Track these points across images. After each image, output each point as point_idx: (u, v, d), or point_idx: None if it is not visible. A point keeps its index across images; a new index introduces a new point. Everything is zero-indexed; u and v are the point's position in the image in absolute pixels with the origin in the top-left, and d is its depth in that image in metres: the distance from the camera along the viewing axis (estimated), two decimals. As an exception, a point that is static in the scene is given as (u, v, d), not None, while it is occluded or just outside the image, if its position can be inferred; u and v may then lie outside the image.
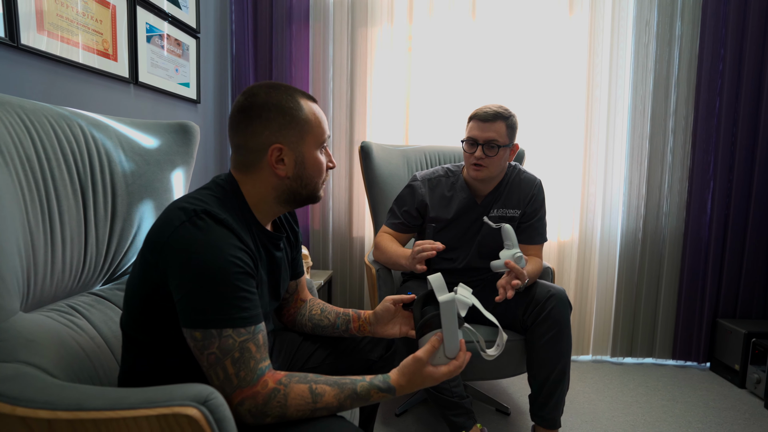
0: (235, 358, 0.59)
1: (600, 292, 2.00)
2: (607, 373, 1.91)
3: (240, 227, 0.67)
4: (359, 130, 2.08)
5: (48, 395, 0.53)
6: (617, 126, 1.93)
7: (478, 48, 1.97)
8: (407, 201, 1.38)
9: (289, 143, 0.71)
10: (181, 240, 0.60)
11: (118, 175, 0.96)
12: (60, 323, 0.76)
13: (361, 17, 2.03)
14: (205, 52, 1.87)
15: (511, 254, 1.12)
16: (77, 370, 0.71)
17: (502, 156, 1.24)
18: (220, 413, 0.53)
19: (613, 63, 1.90)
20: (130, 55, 1.39)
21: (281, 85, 0.73)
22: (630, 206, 1.96)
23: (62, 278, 0.83)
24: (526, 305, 1.22)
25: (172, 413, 0.50)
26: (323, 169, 0.77)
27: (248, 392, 0.59)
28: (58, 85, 1.15)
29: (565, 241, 2.01)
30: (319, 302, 1.00)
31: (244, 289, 0.62)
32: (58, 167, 0.82)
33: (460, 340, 0.72)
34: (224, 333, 0.59)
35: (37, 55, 1.08)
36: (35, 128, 0.80)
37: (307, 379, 0.63)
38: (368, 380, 0.66)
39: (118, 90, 1.36)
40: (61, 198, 0.82)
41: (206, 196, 0.67)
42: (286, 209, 0.78)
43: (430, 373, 0.68)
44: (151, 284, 0.64)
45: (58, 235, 0.81)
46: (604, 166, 1.95)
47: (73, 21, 1.17)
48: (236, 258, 0.61)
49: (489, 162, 1.23)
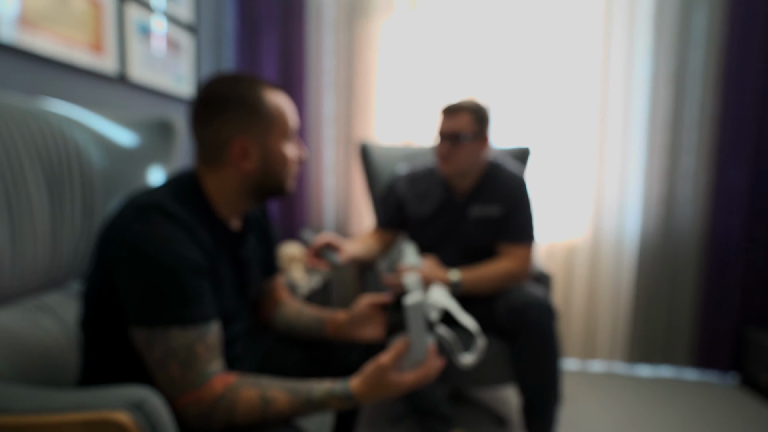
0: (181, 360, 0.56)
1: (613, 293, 1.91)
2: (620, 379, 1.82)
3: (196, 224, 0.64)
4: (357, 127, 2.04)
5: (-21, 396, 0.51)
6: (634, 120, 1.84)
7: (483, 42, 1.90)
8: (388, 200, 1.36)
9: (254, 137, 0.68)
10: (130, 235, 0.57)
11: (95, 172, 0.94)
12: (22, 321, 0.75)
13: (360, 9, 1.99)
14: (200, 47, 1.87)
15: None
16: (32, 372, 0.69)
17: (470, 149, 1.18)
18: (155, 419, 0.49)
19: (629, 50, 1.81)
20: (119, 51, 1.39)
21: (243, 76, 0.69)
22: (648, 204, 1.86)
23: (33, 275, 0.81)
24: (505, 313, 1.14)
25: (100, 419, 0.47)
26: (291, 162, 0.73)
27: (193, 396, 0.56)
28: (41, 82, 1.15)
29: (575, 240, 1.93)
30: (296, 303, 0.96)
31: (194, 287, 0.58)
32: (28, 159, 0.81)
33: (430, 346, 0.67)
34: (169, 332, 0.56)
35: (18, 51, 1.08)
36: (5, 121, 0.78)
37: (260, 384, 0.59)
38: (326, 387, 0.62)
39: (106, 87, 1.36)
40: (32, 194, 0.81)
41: (163, 191, 0.64)
42: (253, 204, 0.75)
43: (394, 381, 0.63)
44: (102, 281, 0.61)
45: (25, 229, 0.79)
46: (620, 162, 1.86)
47: (57, 16, 1.16)
48: (186, 255, 0.58)
49: (454, 156, 1.18)
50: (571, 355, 1.97)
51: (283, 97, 0.72)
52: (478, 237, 1.26)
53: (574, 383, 1.79)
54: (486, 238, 1.26)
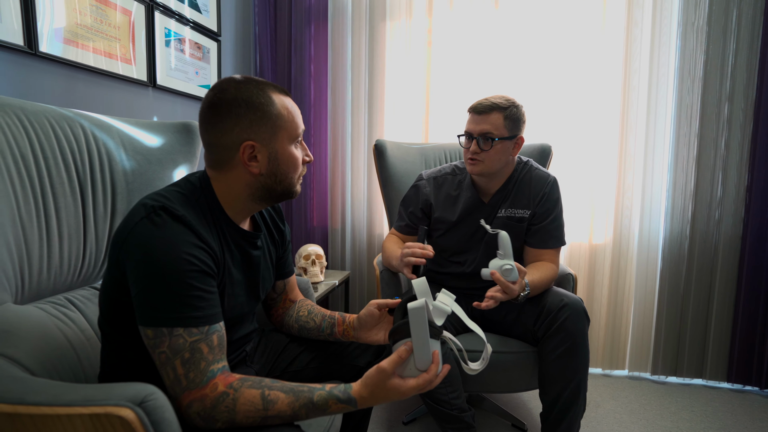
0: (185, 359, 0.57)
1: (638, 300, 1.82)
2: (646, 392, 1.73)
3: (204, 225, 0.65)
4: (378, 127, 2.05)
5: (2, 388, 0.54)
6: (659, 117, 1.73)
7: (502, 39, 1.86)
8: (412, 201, 1.33)
9: (262, 140, 0.69)
10: (138, 236, 0.59)
11: (118, 173, 0.99)
12: (50, 315, 0.79)
13: (380, 12, 1.99)
14: (226, 54, 1.92)
15: (500, 265, 1.03)
16: (57, 363, 0.73)
17: (500, 149, 1.15)
18: (158, 415, 0.51)
19: (654, 46, 1.71)
20: (149, 59, 1.45)
21: (251, 78, 0.70)
22: (674, 206, 1.75)
23: (60, 273, 0.86)
24: (537, 315, 1.12)
25: (105, 413, 0.49)
26: (299, 164, 0.74)
27: (197, 394, 0.57)
28: (77, 90, 1.22)
29: (598, 245, 1.84)
30: (308, 303, 0.97)
31: (199, 288, 0.60)
32: (56, 166, 0.86)
33: (433, 352, 0.66)
34: (175, 332, 0.57)
35: (55, 62, 1.15)
36: (34, 128, 0.84)
37: (261, 385, 0.60)
38: (328, 389, 0.62)
39: (136, 93, 1.42)
40: (58, 195, 0.85)
41: (171, 192, 0.66)
42: (262, 206, 0.76)
43: (395, 386, 0.62)
44: (115, 280, 0.64)
45: (54, 231, 0.84)
46: (643, 162, 1.76)
47: (90, 28, 1.23)
48: (191, 256, 0.60)
49: (485, 156, 1.15)
50: (593, 365, 1.89)
51: (290, 100, 0.72)
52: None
53: (598, 385, 1.72)
54: (514, 239, 1.23)
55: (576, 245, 1.87)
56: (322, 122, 2.09)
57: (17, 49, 1.05)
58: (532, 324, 1.13)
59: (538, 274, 1.12)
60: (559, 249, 1.23)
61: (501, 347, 1.19)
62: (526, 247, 1.23)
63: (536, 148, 1.63)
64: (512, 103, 1.16)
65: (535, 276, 1.11)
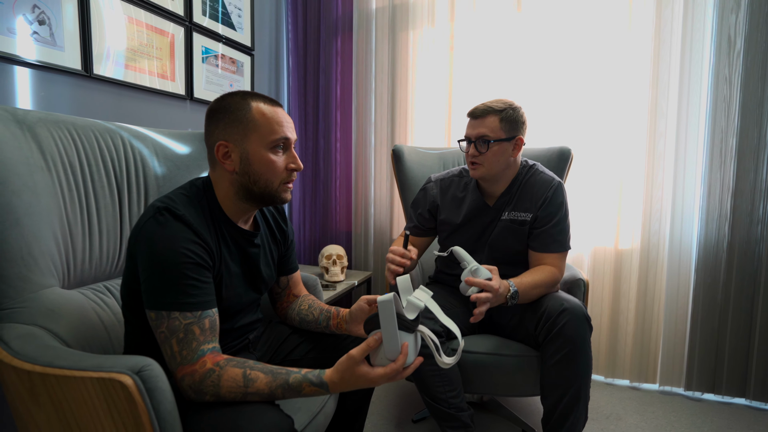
0: (180, 338, 0.67)
1: (669, 309, 1.71)
2: (677, 408, 1.62)
3: (202, 223, 0.75)
4: (400, 133, 2.10)
5: (38, 353, 0.66)
6: (690, 115, 1.63)
7: (524, 41, 1.84)
8: (420, 204, 1.37)
9: (234, 140, 0.77)
10: (146, 233, 0.70)
11: (151, 178, 1.13)
12: (89, 300, 0.93)
13: (402, 22, 2.05)
14: (258, 66, 2.07)
15: (468, 270, 1.04)
16: (90, 339, 0.86)
17: (498, 151, 1.16)
18: (152, 383, 0.61)
19: (686, 40, 1.61)
20: (187, 75, 1.62)
21: (241, 91, 0.80)
22: (710, 208, 1.62)
23: (100, 264, 1.01)
24: (537, 320, 1.11)
25: (109, 378, 0.59)
26: (276, 169, 0.79)
27: (188, 369, 0.66)
28: (125, 105, 1.40)
29: (624, 250, 1.76)
30: (310, 298, 1.05)
31: (193, 278, 0.69)
32: (98, 171, 1.00)
33: (403, 344, 0.70)
34: (172, 315, 0.67)
35: (106, 82, 1.32)
36: (81, 140, 0.99)
37: (244, 365, 0.68)
38: (303, 373, 0.69)
39: (175, 106, 1.59)
40: (99, 197, 1.00)
41: (177, 195, 0.76)
42: (252, 206, 0.83)
43: (364, 373, 0.67)
44: (131, 272, 0.75)
45: (95, 227, 0.99)
46: (674, 160, 1.66)
47: (136, 51, 1.41)
48: (188, 250, 0.69)
49: (483, 159, 1.17)
50: (620, 376, 1.80)
51: (276, 110, 0.79)
52: (510, 241, 1.24)
53: (623, 398, 1.64)
54: (516, 241, 1.24)
55: (600, 250, 1.80)
56: (348, 129, 2.19)
57: (76, 73, 1.23)
58: (533, 328, 1.13)
59: (529, 278, 1.12)
60: (564, 254, 1.21)
61: (503, 350, 1.20)
62: (530, 251, 1.23)
63: (555, 151, 1.61)
64: (509, 105, 1.17)
65: (526, 279, 1.11)
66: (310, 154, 2.28)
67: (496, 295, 1.01)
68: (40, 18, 1.13)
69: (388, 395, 1.69)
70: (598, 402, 1.66)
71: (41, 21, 1.13)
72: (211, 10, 1.72)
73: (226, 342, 0.86)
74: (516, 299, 1.07)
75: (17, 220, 0.78)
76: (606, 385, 1.81)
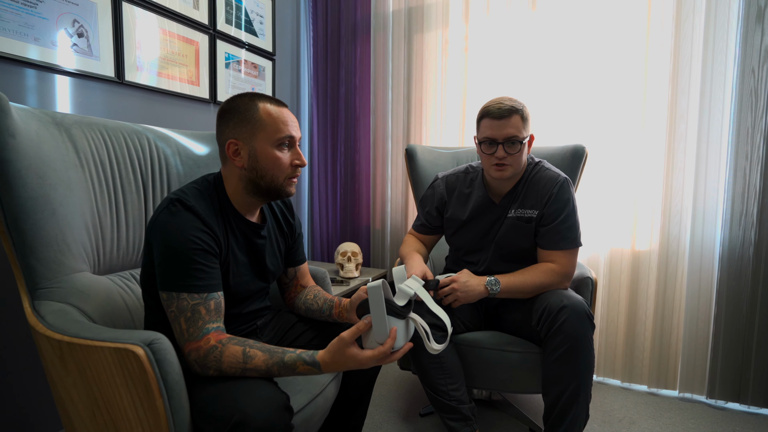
0: (188, 317, 0.74)
1: (689, 314, 1.65)
2: (697, 416, 1.56)
3: (211, 214, 0.82)
4: (416, 133, 2.14)
5: (67, 325, 0.75)
6: (713, 111, 1.56)
7: (539, 40, 1.84)
8: (428, 201, 1.39)
9: (243, 138, 0.83)
10: (160, 222, 0.77)
11: (173, 175, 1.22)
12: (116, 284, 1.02)
13: (418, 25, 2.09)
14: (280, 70, 2.17)
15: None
16: (114, 319, 0.95)
17: (524, 151, 1.17)
18: (161, 355, 0.67)
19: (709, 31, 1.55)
20: (210, 80, 1.72)
21: (249, 93, 0.86)
22: (734, 207, 1.55)
23: (126, 253, 1.11)
24: (539, 316, 1.12)
25: (124, 348, 0.66)
26: (282, 165, 0.85)
27: (194, 345, 0.73)
28: (153, 109, 1.51)
29: (642, 251, 1.72)
30: (316, 289, 1.10)
31: (201, 263, 0.76)
32: (125, 169, 1.10)
33: (392, 328, 0.74)
34: (181, 296, 0.74)
35: (136, 87, 1.44)
36: (111, 141, 1.09)
37: (245, 343, 0.74)
38: (297, 353, 0.74)
39: (200, 109, 1.70)
40: (126, 192, 1.10)
41: (190, 188, 0.84)
42: (259, 200, 0.89)
43: (353, 354, 0.72)
44: (148, 258, 0.82)
45: (122, 219, 1.08)
46: (695, 162, 1.60)
47: (165, 59, 1.52)
48: (196, 237, 0.76)
49: (512, 159, 1.16)
50: (637, 381, 1.76)
51: (281, 110, 0.86)
52: (516, 238, 1.25)
53: (639, 402, 1.60)
54: (523, 239, 1.24)
55: (617, 251, 1.76)
56: (365, 128, 2.24)
57: (109, 80, 1.35)
58: (536, 325, 1.13)
59: (520, 276, 1.15)
60: (573, 251, 1.19)
61: (506, 346, 1.21)
62: (538, 249, 1.23)
63: (569, 149, 1.59)
64: (521, 103, 1.18)
65: (516, 277, 1.14)
66: (329, 155, 2.36)
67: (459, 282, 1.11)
68: (79, 31, 1.25)
69: (397, 389, 1.72)
70: (612, 405, 1.63)
71: (80, 34, 1.25)
72: (235, 19, 1.82)
73: (235, 326, 0.93)
74: (498, 285, 1.13)
75: (54, 210, 0.88)
76: (622, 389, 1.76)
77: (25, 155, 0.83)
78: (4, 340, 1.13)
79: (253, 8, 1.94)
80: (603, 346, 1.81)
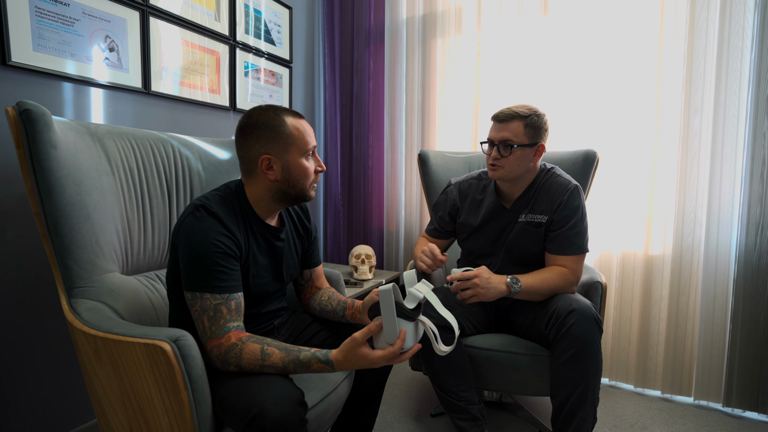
0: (210, 316, 0.79)
1: (704, 319, 1.63)
2: (712, 424, 1.54)
3: (232, 219, 0.87)
4: (429, 138, 2.17)
5: (101, 322, 0.81)
6: (728, 115, 1.54)
7: (551, 46, 1.85)
8: (441, 207, 1.43)
9: (276, 153, 0.88)
10: (184, 227, 0.83)
11: (196, 181, 1.29)
12: (142, 284, 1.09)
13: (431, 31, 2.12)
14: (296, 77, 2.23)
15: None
16: (141, 316, 1.01)
17: (520, 156, 1.19)
18: (186, 351, 0.73)
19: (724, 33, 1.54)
20: (230, 88, 1.79)
21: (272, 106, 0.91)
22: (751, 211, 1.53)
23: (152, 255, 1.18)
24: (548, 319, 1.14)
25: (153, 344, 0.72)
26: (309, 173, 0.92)
27: (216, 342, 0.78)
28: (177, 117, 1.59)
29: (655, 255, 1.71)
30: (331, 290, 1.15)
31: (222, 265, 0.81)
32: (152, 175, 1.17)
33: (401, 330, 0.78)
34: (204, 296, 0.79)
35: (161, 97, 1.52)
36: (139, 148, 1.16)
37: (263, 342, 0.79)
38: (312, 352, 0.78)
39: (220, 116, 1.77)
40: (152, 197, 1.17)
41: (212, 194, 0.89)
42: (283, 206, 0.95)
43: (364, 354, 0.76)
44: (174, 260, 0.88)
45: (149, 223, 1.15)
46: (709, 166, 1.58)
47: (188, 69, 1.59)
48: (218, 241, 0.81)
49: (504, 162, 1.20)
50: (650, 386, 1.75)
51: (302, 122, 0.91)
52: (526, 243, 1.27)
53: (652, 408, 1.59)
54: (533, 243, 1.27)
55: (630, 255, 1.75)
56: (380, 133, 2.29)
57: (137, 90, 1.43)
58: (544, 328, 1.15)
59: (537, 277, 1.15)
60: (581, 256, 1.21)
61: (515, 348, 1.23)
62: (546, 253, 1.25)
63: (580, 154, 1.60)
64: (534, 111, 1.20)
65: (534, 278, 1.15)
66: (344, 159, 2.41)
67: (481, 278, 1.09)
68: (111, 46, 1.33)
69: (409, 390, 1.76)
70: (624, 410, 1.62)
71: (111, 48, 1.33)
72: (254, 29, 1.89)
73: (253, 325, 0.98)
74: (518, 284, 1.12)
75: (88, 215, 0.95)
76: (635, 394, 1.75)
77: (65, 164, 0.90)
78: (42, 336, 1.22)
79: (272, 18, 2.01)
80: (615, 349, 1.81)
